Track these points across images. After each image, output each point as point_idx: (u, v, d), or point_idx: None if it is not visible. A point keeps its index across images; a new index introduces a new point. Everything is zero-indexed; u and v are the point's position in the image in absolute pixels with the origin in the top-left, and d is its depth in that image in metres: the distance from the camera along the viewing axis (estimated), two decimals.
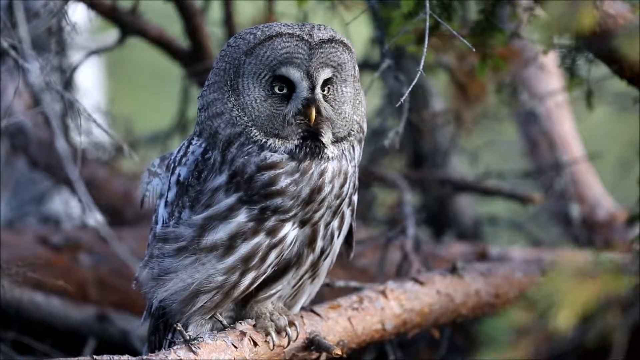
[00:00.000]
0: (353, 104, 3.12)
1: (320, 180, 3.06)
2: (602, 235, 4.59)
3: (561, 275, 2.50)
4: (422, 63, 3.24)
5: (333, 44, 3.06)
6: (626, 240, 4.38)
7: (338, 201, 3.09)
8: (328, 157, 3.06)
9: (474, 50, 3.32)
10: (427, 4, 3.28)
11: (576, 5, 2.62)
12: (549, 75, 4.69)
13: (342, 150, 3.09)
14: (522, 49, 4.32)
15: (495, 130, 4.89)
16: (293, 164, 3.04)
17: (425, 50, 3.25)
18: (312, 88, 3.04)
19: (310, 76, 3.03)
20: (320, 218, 3.09)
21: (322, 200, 3.07)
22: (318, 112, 3.04)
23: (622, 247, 4.43)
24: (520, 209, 4.69)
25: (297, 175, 3.04)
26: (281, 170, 3.03)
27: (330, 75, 3.06)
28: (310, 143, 3.05)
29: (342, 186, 3.09)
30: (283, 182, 3.04)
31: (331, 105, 3.08)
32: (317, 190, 3.06)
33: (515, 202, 4.63)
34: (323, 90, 3.07)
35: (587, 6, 2.64)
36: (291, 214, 3.05)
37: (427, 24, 3.27)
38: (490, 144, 4.96)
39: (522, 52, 4.37)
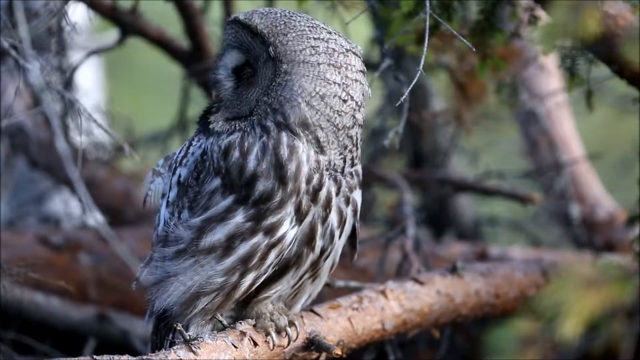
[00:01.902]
0: (267, 87, 3.11)
1: (275, 157, 3.06)
2: (602, 236, 4.59)
3: (567, 284, 2.49)
4: (422, 63, 3.23)
5: (239, 26, 3.10)
6: (626, 241, 4.38)
7: (310, 188, 3.07)
8: (215, 130, 3.11)
9: (474, 50, 3.32)
10: (427, 4, 3.28)
11: (581, 10, 2.62)
12: (549, 75, 4.69)
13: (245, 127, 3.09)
14: (522, 49, 4.31)
15: (495, 130, 4.89)
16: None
17: (425, 50, 3.25)
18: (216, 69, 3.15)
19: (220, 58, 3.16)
20: (309, 208, 3.07)
21: (296, 180, 3.05)
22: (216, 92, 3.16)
23: (622, 248, 4.44)
24: (520, 209, 4.69)
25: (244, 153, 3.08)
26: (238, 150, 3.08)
27: (237, 58, 3.12)
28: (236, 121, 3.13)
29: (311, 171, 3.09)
30: (251, 163, 3.05)
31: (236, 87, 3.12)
32: (278, 166, 3.05)
33: (515, 202, 4.63)
34: (237, 72, 3.12)
35: (592, 11, 2.64)
36: (276, 199, 3.04)
37: (427, 24, 3.27)
38: (490, 144, 4.95)
39: (522, 52, 4.37)
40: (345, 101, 3.08)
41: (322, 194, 3.09)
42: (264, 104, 3.08)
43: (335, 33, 3.11)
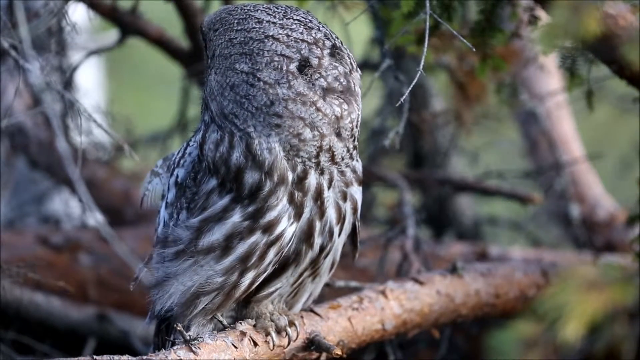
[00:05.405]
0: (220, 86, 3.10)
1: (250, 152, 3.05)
2: (602, 236, 4.59)
3: (569, 286, 2.50)
4: (422, 63, 3.23)
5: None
6: (626, 241, 4.38)
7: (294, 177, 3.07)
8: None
9: (474, 50, 3.32)
10: (427, 4, 3.28)
11: (581, 10, 2.62)
12: (549, 75, 4.69)
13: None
14: (522, 49, 4.32)
15: (495, 130, 4.89)
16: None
17: (425, 50, 3.25)
18: None
19: None
20: (302, 198, 3.06)
21: (271, 172, 3.04)
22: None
23: (623, 248, 4.44)
24: (520, 209, 4.69)
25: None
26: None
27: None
28: None
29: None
30: (234, 156, 3.05)
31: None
32: (251, 158, 3.04)
33: (515, 202, 4.63)
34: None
35: (592, 11, 2.64)
36: (267, 189, 3.04)
37: (427, 24, 3.27)
38: (490, 144, 4.95)
39: (522, 52, 4.37)
40: (252, 85, 3.03)
41: (309, 183, 3.07)
42: (203, 100, 3.13)
43: (270, 22, 3.04)
